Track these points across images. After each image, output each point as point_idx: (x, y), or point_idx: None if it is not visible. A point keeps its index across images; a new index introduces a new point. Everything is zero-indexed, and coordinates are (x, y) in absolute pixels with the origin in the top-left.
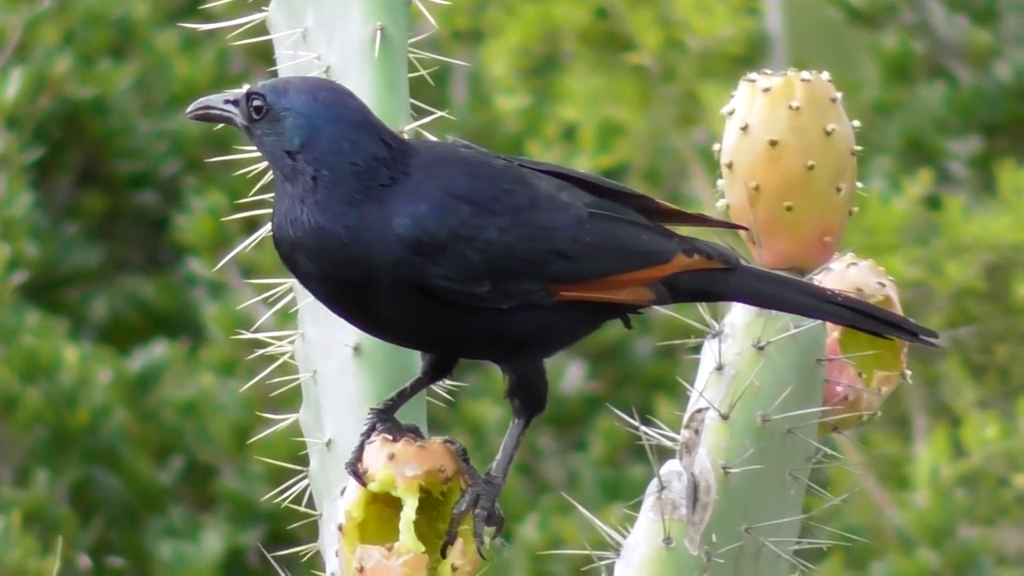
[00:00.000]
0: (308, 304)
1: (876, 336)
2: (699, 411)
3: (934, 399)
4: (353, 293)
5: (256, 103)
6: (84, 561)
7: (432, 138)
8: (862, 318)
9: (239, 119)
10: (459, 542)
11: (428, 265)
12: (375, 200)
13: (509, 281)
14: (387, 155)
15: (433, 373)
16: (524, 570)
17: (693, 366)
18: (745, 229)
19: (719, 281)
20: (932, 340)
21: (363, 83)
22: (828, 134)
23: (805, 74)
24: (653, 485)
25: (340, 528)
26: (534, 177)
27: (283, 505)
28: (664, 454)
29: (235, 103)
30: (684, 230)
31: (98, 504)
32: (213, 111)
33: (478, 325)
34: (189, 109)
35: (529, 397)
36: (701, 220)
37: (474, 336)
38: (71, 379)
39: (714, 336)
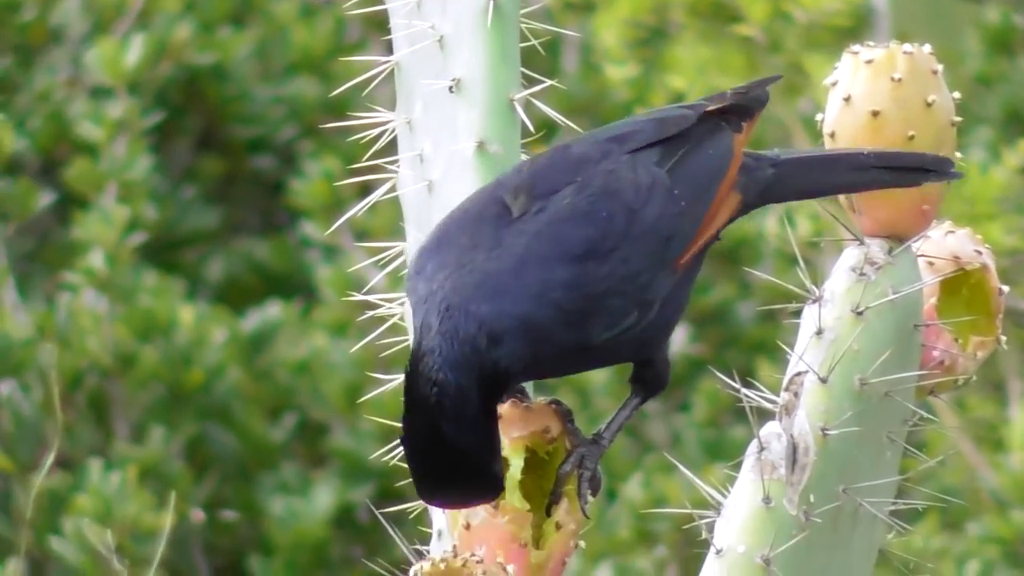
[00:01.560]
0: None
1: (910, 186)
2: (799, 374)
3: None
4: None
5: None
6: (198, 515)
7: (543, 106)
8: (897, 174)
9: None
10: (564, 501)
11: (582, 332)
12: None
13: (647, 293)
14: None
15: None
16: (628, 527)
17: (793, 330)
18: (779, 78)
19: (775, 184)
20: (952, 171)
21: (476, 52)
22: (929, 105)
23: (907, 46)
24: (753, 446)
25: None
26: (610, 177)
27: (392, 463)
28: (764, 416)
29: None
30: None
31: (212, 460)
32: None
33: (628, 345)
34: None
35: (654, 382)
36: (737, 94)
37: (626, 353)
38: (187, 338)
39: (814, 301)
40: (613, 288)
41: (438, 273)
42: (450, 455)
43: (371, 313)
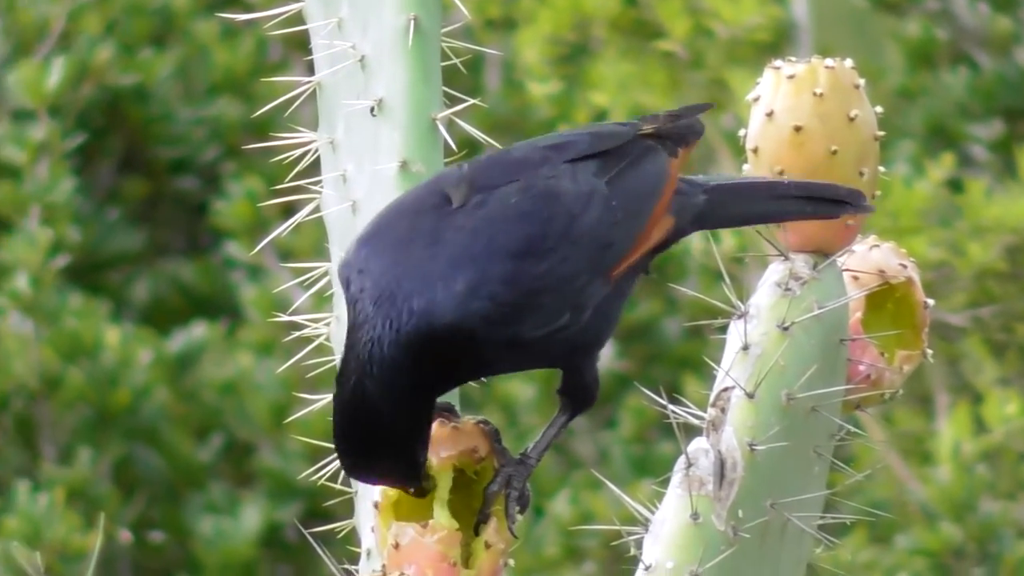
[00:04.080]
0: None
1: (830, 218)
2: (725, 390)
3: (956, 377)
4: (459, 370)
5: None
6: (126, 536)
7: (465, 125)
8: (819, 204)
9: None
10: (492, 521)
11: (514, 327)
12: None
13: (581, 297)
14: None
15: None
16: (555, 544)
17: (720, 346)
18: (711, 106)
19: (707, 212)
20: (863, 204)
21: (397, 72)
22: (851, 120)
23: (829, 61)
24: (681, 462)
25: (376, 505)
26: (552, 181)
27: (320, 482)
28: (691, 432)
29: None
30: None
31: (139, 481)
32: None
33: (559, 344)
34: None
35: (583, 395)
36: (673, 115)
37: (552, 353)
38: (113, 360)
39: (740, 317)
40: (549, 287)
41: (373, 264)
42: (374, 425)
43: (296, 333)
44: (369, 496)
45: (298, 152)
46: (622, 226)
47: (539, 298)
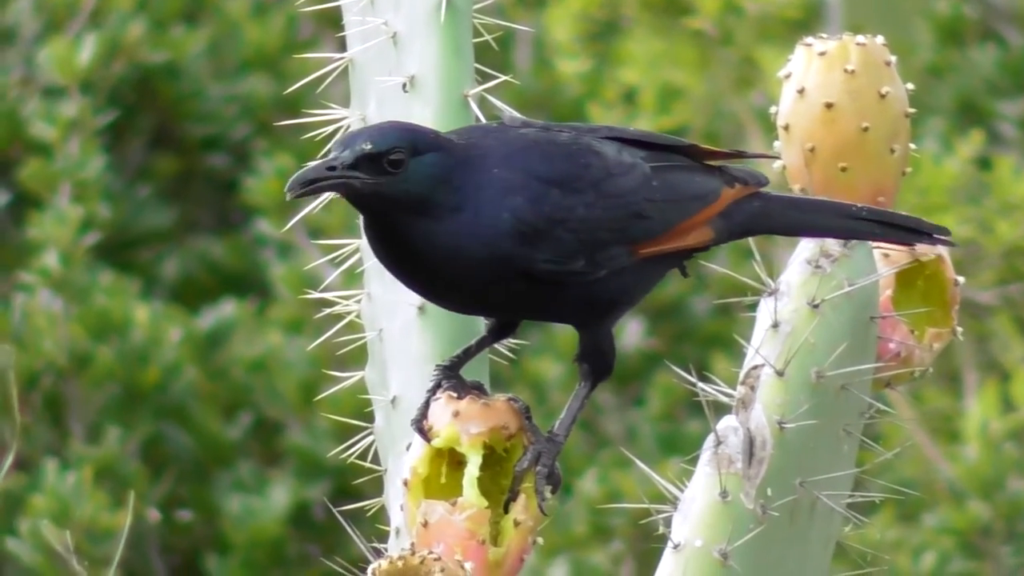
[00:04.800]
0: (374, 264)
1: (903, 245)
2: (755, 368)
3: (984, 355)
4: (467, 291)
5: (395, 157)
6: (154, 515)
7: (497, 102)
8: (888, 229)
9: (359, 181)
10: (521, 498)
11: (532, 252)
12: (472, 205)
13: (600, 252)
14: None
15: (498, 332)
16: (584, 523)
17: (749, 323)
18: (776, 157)
19: (760, 215)
20: (945, 238)
21: (429, 48)
22: (882, 97)
23: (860, 38)
24: (710, 440)
25: (405, 483)
26: (599, 144)
27: (349, 461)
28: (721, 410)
29: (336, 167)
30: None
31: (168, 459)
32: (322, 183)
33: (572, 296)
34: (289, 189)
35: (599, 362)
36: (739, 155)
37: (567, 306)
38: (142, 337)
39: (770, 294)
40: (569, 222)
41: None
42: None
43: (327, 311)
44: (398, 475)
45: (329, 129)
46: (660, 207)
47: (556, 229)
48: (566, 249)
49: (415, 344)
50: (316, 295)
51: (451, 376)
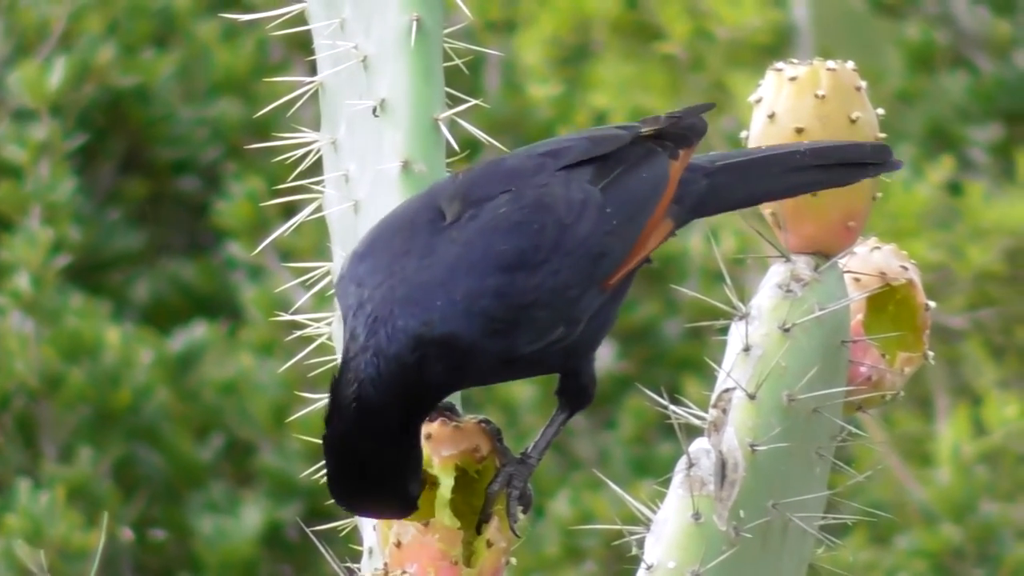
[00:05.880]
0: None
1: (848, 184)
2: (726, 391)
3: (956, 379)
4: (452, 386)
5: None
6: (127, 535)
7: (467, 125)
8: (835, 171)
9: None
10: (494, 519)
11: (508, 341)
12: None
13: (574, 309)
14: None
15: None
16: (556, 544)
17: (720, 347)
18: (711, 107)
19: (709, 195)
20: (893, 160)
21: (400, 72)
22: (853, 122)
23: (830, 63)
24: (682, 462)
25: None
26: (543, 190)
27: (321, 481)
28: (692, 432)
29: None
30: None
31: (140, 480)
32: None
33: (555, 353)
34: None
35: (580, 394)
36: (675, 117)
37: (551, 363)
38: (113, 359)
39: (741, 318)
40: (541, 300)
41: (368, 279)
42: (364, 467)
43: (298, 333)
44: None
45: (300, 152)
46: (617, 234)
47: (532, 312)
48: (544, 325)
49: None
50: (287, 317)
51: None
